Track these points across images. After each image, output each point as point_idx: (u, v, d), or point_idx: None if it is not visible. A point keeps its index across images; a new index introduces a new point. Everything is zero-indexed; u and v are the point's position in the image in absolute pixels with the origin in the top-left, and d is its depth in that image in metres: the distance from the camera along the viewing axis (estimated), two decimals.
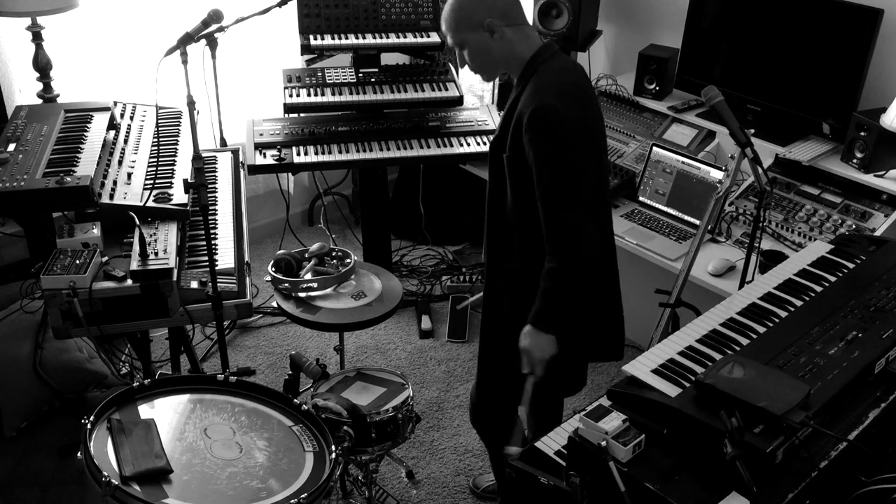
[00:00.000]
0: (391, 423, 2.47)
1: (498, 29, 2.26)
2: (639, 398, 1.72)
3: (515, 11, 2.31)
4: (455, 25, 2.30)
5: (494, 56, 2.30)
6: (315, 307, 2.73)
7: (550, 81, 2.24)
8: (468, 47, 2.32)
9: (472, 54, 2.33)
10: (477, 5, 2.27)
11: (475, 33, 2.27)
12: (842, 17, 3.15)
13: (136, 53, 3.68)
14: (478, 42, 2.29)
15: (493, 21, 2.25)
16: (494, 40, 2.27)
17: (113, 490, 1.84)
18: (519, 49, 2.29)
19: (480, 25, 2.26)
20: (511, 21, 2.28)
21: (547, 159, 2.17)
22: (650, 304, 2.94)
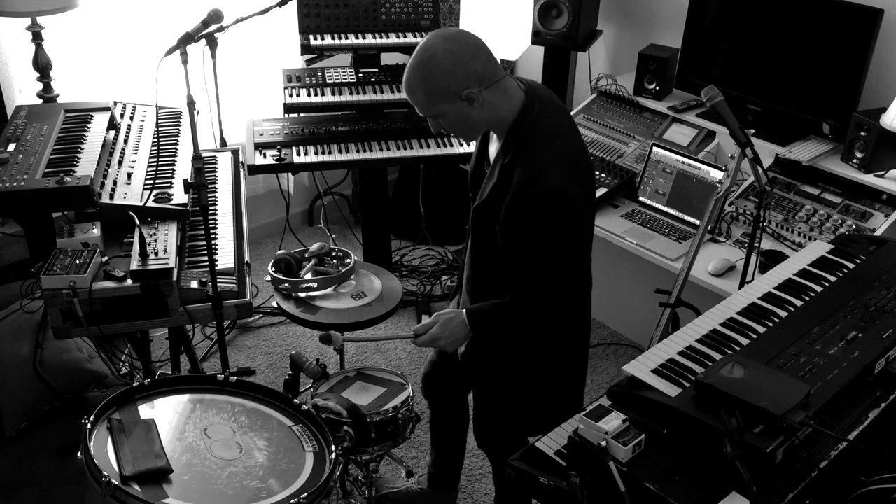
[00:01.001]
0: (391, 423, 2.47)
1: (478, 97, 2.03)
2: (639, 398, 1.72)
3: (492, 69, 2.05)
4: (426, 98, 2.05)
5: (475, 122, 2.10)
6: (315, 307, 2.73)
7: (549, 151, 2.06)
8: (444, 118, 2.09)
9: (450, 124, 2.11)
10: (452, 75, 2.00)
11: (452, 104, 2.04)
12: (842, 17, 3.16)
13: (136, 53, 3.68)
14: (455, 112, 2.06)
15: (472, 91, 2.02)
16: (474, 108, 2.05)
17: (113, 490, 1.84)
18: (502, 111, 2.08)
19: (457, 96, 2.02)
20: (489, 82, 2.04)
21: (553, 242, 2.08)
22: (650, 304, 2.94)
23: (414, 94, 2.07)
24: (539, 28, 3.98)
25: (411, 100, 2.10)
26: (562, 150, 2.08)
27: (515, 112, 2.09)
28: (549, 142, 2.07)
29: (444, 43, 2.03)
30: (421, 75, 2.03)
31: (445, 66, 2.00)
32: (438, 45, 2.03)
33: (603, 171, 3.60)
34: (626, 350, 3.85)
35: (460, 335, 2.24)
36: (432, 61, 2.01)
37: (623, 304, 3.87)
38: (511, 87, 2.10)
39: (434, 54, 2.02)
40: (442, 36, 2.06)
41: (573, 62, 4.20)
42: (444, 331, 2.23)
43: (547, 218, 2.04)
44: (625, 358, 3.67)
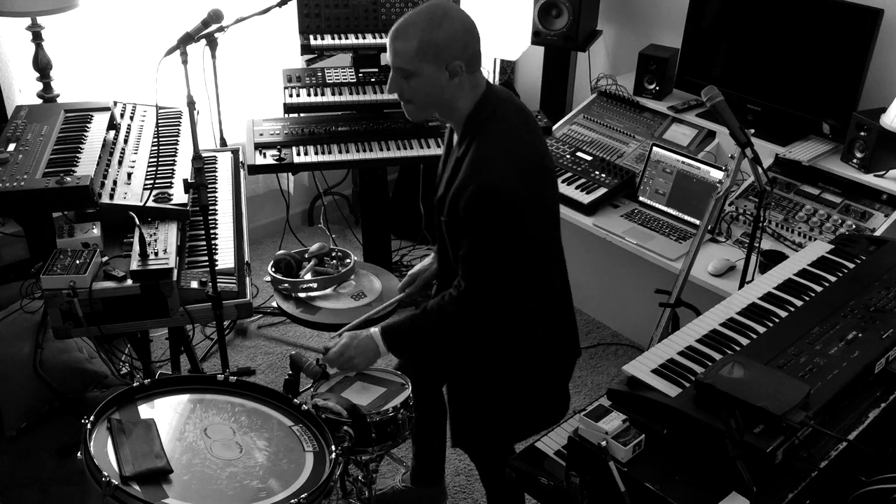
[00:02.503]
0: (391, 423, 2.46)
1: (460, 73, 2.04)
2: (639, 398, 1.72)
3: (478, 58, 2.09)
4: (417, 50, 2.00)
5: (441, 97, 2.07)
6: (315, 307, 2.73)
7: (498, 148, 2.05)
8: (417, 79, 2.04)
9: (417, 88, 2.06)
10: (454, 42, 2.01)
11: (436, 69, 2.02)
12: (842, 17, 3.16)
13: (136, 53, 3.68)
14: (432, 79, 2.03)
15: (460, 64, 2.02)
16: (450, 84, 2.04)
17: (113, 490, 1.83)
18: (465, 99, 2.08)
19: (445, 64, 2.01)
20: (472, 68, 2.07)
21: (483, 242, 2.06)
22: (650, 304, 2.94)
23: (406, 40, 2.00)
24: (539, 28, 3.98)
25: (396, 44, 2.02)
26: (512, 149, 2.07)
27: (472, 104, 2.09)
28: (500, 140, 2.06)
29: (460, 11, 2.05)
30: (428, 25, 1.99)
31: (455, 29, 2.00)
32: (456, 10, 2.03)
33: (603, 171, 3.60)
34: (626, 350, 3.85)
35: (368, 349, 2.22)
36: (446, 19, 2.00)
37: (623, 304, 3.87)
38: (480, 82, 2.11)
39: (450, 14, 2.01)
40: (456, 6, 2.08)
41: (573, 62, 4.20)
42: (351, 341, 2.23)
43: (481, 214, 2.02)
44: (625, 358, 3.67)
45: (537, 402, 2.39)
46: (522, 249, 2.12)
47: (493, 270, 2.09)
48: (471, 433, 2.51)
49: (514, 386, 2.36)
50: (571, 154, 3.73)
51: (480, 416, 2.44)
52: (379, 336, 2.22)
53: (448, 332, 2.21)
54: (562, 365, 2.42)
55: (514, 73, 4.82)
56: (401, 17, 2.09)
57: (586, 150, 3.74)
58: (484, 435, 2.48)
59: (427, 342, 2.26)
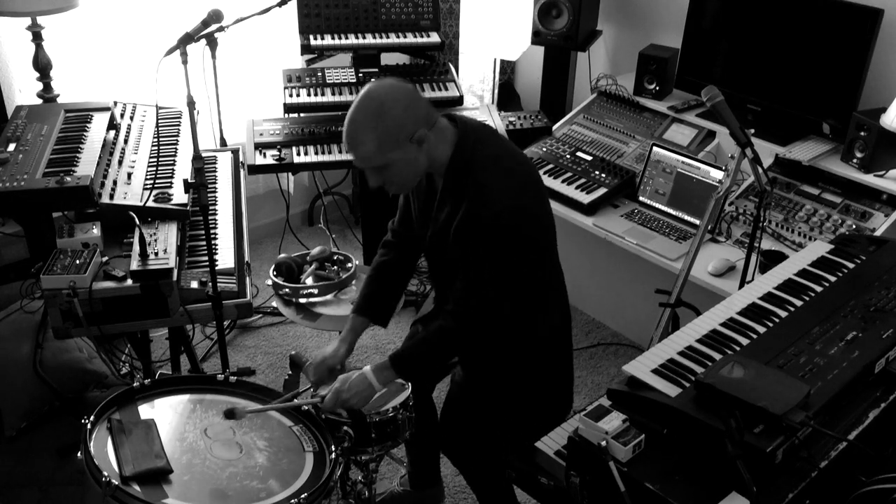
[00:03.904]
0: (391, 424, 2.46)
1: (426, 136, 2.01)
2: (639, 398, 1.72)
3: (431, 110, 2.06)
4: (378, 147, 1.99)
5: (419, 167, 2.08)
6: (315, 314, 2.73)
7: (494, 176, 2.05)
8: (392, 167, 2.03)
9: (397, 172, 2.06)
10: (404, 118, 1.98)
11: (403, 150, 2.01)
12: (842, 17, 3.16)
13: (136, 53, 3.68)
14: (405, 159, 2.02)
15: (423, 131, 2.00)
16: (422, 151, 2.03)
17: (113, 490, 1.83)
18: (441, 150, 2.07)
19: (409, 140, 1.99)
20: (432, 123, 2.04)
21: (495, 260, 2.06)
22: (650, 304, 2.94)
23: (363, 144, 2.00)
24: (539, 28, 3.98)
25: (357, 152, 2.03)
26: (507, 170, 2.09)
27: (451, 146, 2.08)
28: (493, 164, 2.08)
29: (388, 90, 2.03)
30: (373, 122, 1.98)
31: (398, 110, 1.99)
32: (384, 93, 2.02)
33: (603, 171, 3.60)
34: (626, 350, 3.85)
35: (363, 387, 2.22)
36: (384, 107, 1.99)
37: (623, 304, 3.87)
38: (444, 124, 2.10)
39: (384, 101, 2.00)
40: (383, 85, 2.06)
41: (573, 62, 4.20)
42: (342, 385, 2.23)
43: (499, 235, 2.04)
44: (625, 358, 3.67)
45: (530, 416, 2.40)
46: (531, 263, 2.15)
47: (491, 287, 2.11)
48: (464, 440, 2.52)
49: (518, 393, 2.37)
50: (571, 154, 3.73)
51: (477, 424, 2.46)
52: (371, 374, 2.22)
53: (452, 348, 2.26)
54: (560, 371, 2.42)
55: (514, 73, 4.82)
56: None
57: (586, 150, 3.74)
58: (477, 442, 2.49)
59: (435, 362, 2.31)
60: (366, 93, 2.03)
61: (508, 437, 2.42)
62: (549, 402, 2.42)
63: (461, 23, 4.29)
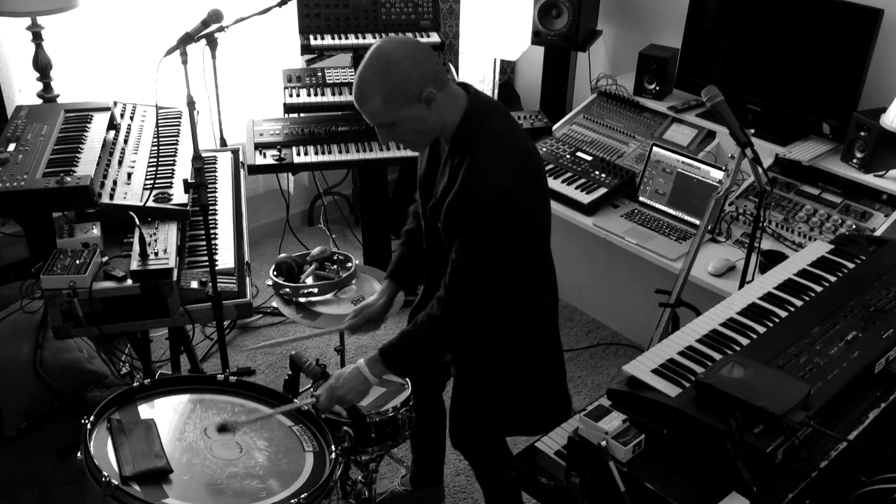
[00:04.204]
0: (391, 424, 2.46)
1: (435, 97, 2.01)
2: (639, 398, 1.72)
3: (442, 70, 2.05)
4: (385, 103, 1.99)
5: (429, 127, 2.06)
6: (315, 313, 2.72)
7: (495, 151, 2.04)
8: (400, 125, 2.04)
9: (405, 130, 2.06)
10: (412, 75, 1.97)
11: (410, 108, 2.00)
12: (842, 17, 3.16)
13: (136, 53, 3.68)
14: (413, 116, 2.02)
15: (431, 90, 2.00)
16: (430, 110, 2.02)
17: (113, 490, 1.83)
18: (450, 114, 2.06)
19: (417, 98, 1.99)
20: (442, 84, 2.03)
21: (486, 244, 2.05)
22: (650, 304, 2.94)
23: (370, 100, 2.00)
24: (539, 28, 3.99)
25: (365, 107, 2.03)
26: (509, 151, 2.07)
27: (461, 113, 2.07)
28: (496, 143, 2.06)
29: (397, 45, 2.03)
30: (380, 78, 1.98)
31: (406, 66, 1.98)
32: (393, 48, 2.02)
33: (603, 171, 3.60)
34: (626, 350, 3.85)
35: (357, 381, 2.22)
36: (391, 62, 1.98)
37: (623, 304, 3.87)
38: (456, 90, 2.10)
39: (392, 56, 1.99)
40: (392, 41, 2.07)
41: (573, 62, 4.20)
42: (336, 381, 2.23)
43: (484, 221, 2.02)
44: (625, 358, 3.67)
45: (535, 401, 2.40)
46: (525, 246, 2.14)
47: (483, 273, 2.10)
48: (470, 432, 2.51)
49: (512, 382, 2.36)
50: (571, 154, 3.73)
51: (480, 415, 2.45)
52: (365, 367, 2.22)
53: (441, 338, 2.22)
54: (554, 363, 2.42)
55: (514, 73, 4.82)
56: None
57: (586, 150, 3.74)
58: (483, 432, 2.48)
59: (425, 353, 2.27)
60: (375, 48, 2.02)
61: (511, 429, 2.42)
62: (544, 394, 2.42)
63: (461, 23, 4.29)
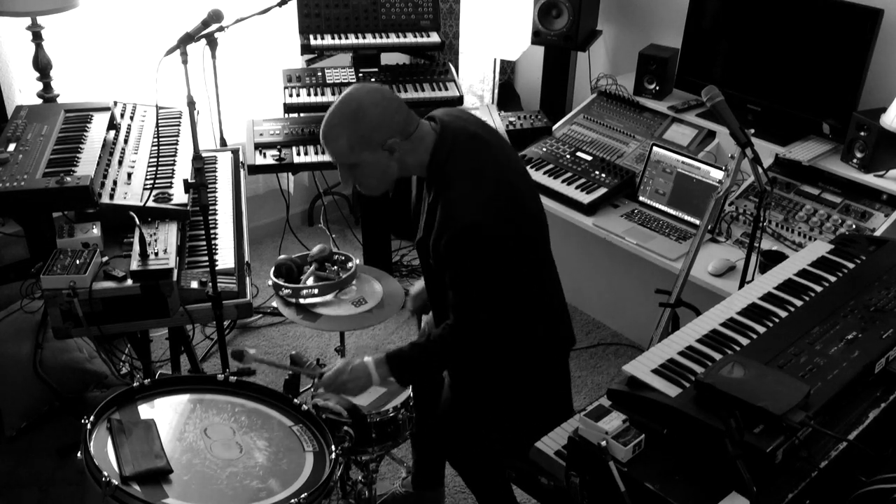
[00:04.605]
0: (391, 424, 2.47)
1: (398, 148, 2.07)
2: (639, 398, 1.72)
3: (410, 121, 2.10)
4: (349, 147, 2.06)
5: (388, 174, 2.13)
6: (315, 314, 2.72)
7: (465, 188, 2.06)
8: (362, 168, 2.10)
9: (365, 174, 2.12)
10: (379, 125, 2.04)
11: (373, 154, 2.07)
12: (842, 17, 3.16)
13: (136, 53, 3.68)
14: (374, 162, 2.09)
15: (395, 140, 2.06)
16: (392, 158, 2.09)
17: (113, 490, 1.84)
18: (418, 157, 2.11)
19: (380, 146, 2.06)
20: (408, 133, 2.09)
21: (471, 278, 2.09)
22: (650, 304, 2.94)
23: (336, 141, 2.07)
24: (539, 28, 3.98)
25: (330, 148, 2.10)
26: (478, 184, 2.09)
27: (429, 152, 2.12)
28: (463, 178, 2.09)
29: (368, 94, 2.08)
30: (348, 123, 2.05)
31: (373, 115, 2.05)
32: (364, 96, 2.07)
33: (603, 171, 3.60)
34: (626, 350, 3.85)
35: (362, 376, 2.24)
36: (361, 110, 2.05)
37: (623, 304, 3.87)
38: (425, 132, 2.13)
39: (362, 104, 2.06)
40: (365, 88, 2.12)
41: (573, 62, 4.20)
42: (345, 367, 2.25)
43: (463, 255, 2.06)
44: (625, 358, 3.67)
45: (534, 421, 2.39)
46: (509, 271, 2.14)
47: (480, 302, 2.12)
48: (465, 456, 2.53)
49: (512, 402, 2.38)
50: (571, 154, 3.73)
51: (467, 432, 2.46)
52: (373, 365, 2.24)
53: (450, 359, 2.27)
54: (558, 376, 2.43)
55: (514, 73, 4.82)
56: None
57: (586, 150, 3.74)
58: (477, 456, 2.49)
59: (430, 369, 2.33)
60: (347, 94, 2.10)
61: (504, 440, 2.42)
62: (544, 407, 2.42)
63: (461, 23, 4.28)
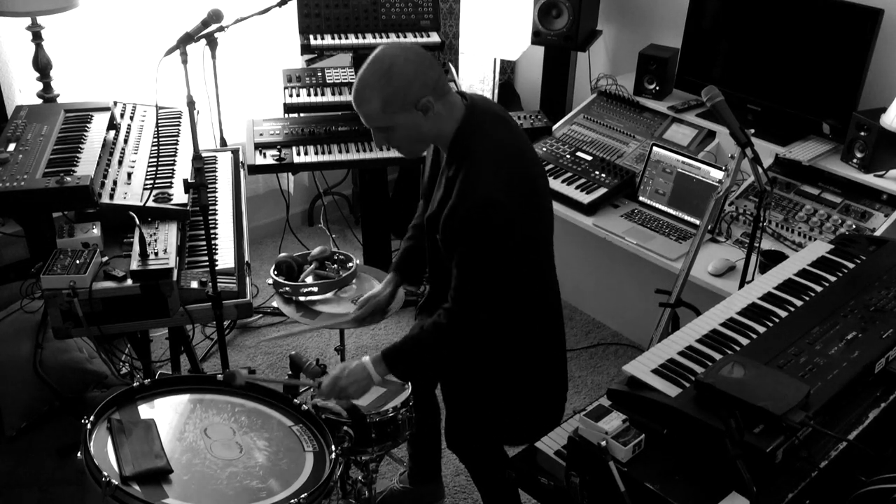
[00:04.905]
0: (391, 424, 2.46)
1: (433, 106, 2.03)
2: (639, 398, 1.72)
3: (444, 80, 2.07)
4: (383, 107, 2.02)
5: (424, 135, 2.10)
6: (315, 312, 2.72)
7: (488, 162, 2.05)
8: (396, 130, 2.07)
9: (400, 136, 2.10)
10: (412, 83, 2.01)
11: (408, 114, 2.03)
12: (842, 17, 3.16)
13: (136, 53, 3.68)
14: (409, 123, 2.05)
15: (429, 99, 2.02)
16: (427, 118, 2.04)
17: (113, 490, 1.83)
18: (448, 124, 2.09)
19: (414, 105, 2.02)
20: (441, 93, 2.06)
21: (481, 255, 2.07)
22: (650, 304, 2.94)
23: (368, 102, 2.04)
24: (539, 28, 3.99)
25: (362, 110, 2.06)
26: (502, 163, 2.08)
27: (457, 122, 2.10)
28: (488, 154, 2.07)
29: (402, 52, 2.06)
30: (381, 83, 2.01)
31: (407, 73, 2.01)
32: (397, 54, 2.05)
33: (603, 171, 3.60)
34: (626, 350, 3.85)
35: (361, 377, 2.23)
36: (394, 68, 2.01)
37: (623, 304, 3.87)
38: (456, 100, 2.12)
39: (395, 62, 2.02)
40: (397, 46, 2.09)
41: (573, 62, 4.20)
42: (341, 372, 2.24)
43: (477, 230, 2.04)
44: (625, 358, 3.67)
45: (531, 406, 2.39)
46: (517, 259, 2.14)
47: (486, 282, 2.11)
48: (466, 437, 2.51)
49: (509, 389, 2.36)
50: (571, 154, 3.73)
51: (476, 420, 2.45)
52: (370, 364, 2.23)
53: (446, 346, 2.23)
54: (554, 369, 2.42)
55: (514, 73, 4.82)
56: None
57: (586, 150, 3.74)
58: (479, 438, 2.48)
59: (428, 360, 2.28)
60: (379, 52, 2.06)
61: (508, 433, 2.42)
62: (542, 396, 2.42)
63: (461, 23, 4.29)
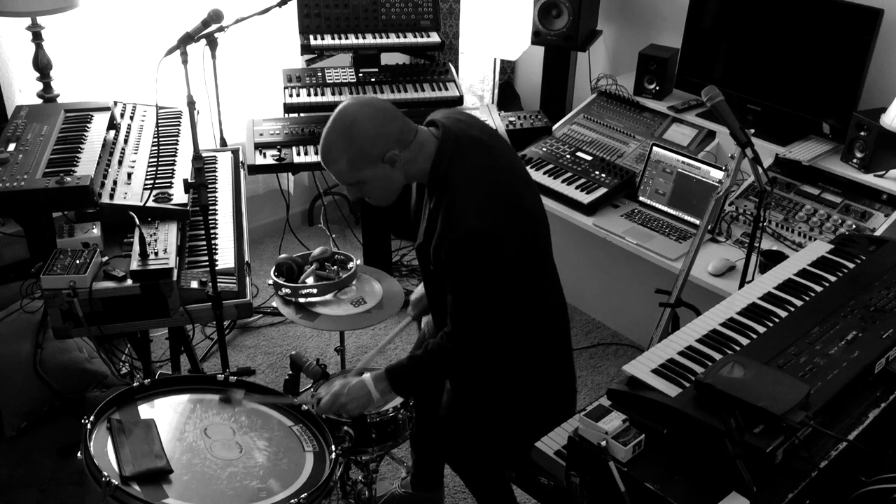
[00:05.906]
0: (391, 424, 2.46)
1: (399, 158, 2.04)
2: (639, 398, 1.72)
3: (407, 129, 2.07)
4: (350, 165, 2.04)
5: (396, 183, 2.11)
6: (314, 313, 2.72)
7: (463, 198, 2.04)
8: (367, 184, 2.08)
9: (373, 188, 2.10)
10: (375, 137, 2.02)
11: (375, 168, 2.04)
12: (842, 17, 3.16)
13: (136, 53, 3.68)
14: (379, 175, 2.06)
15: (394, 152, 2.03)
16: (395, 169, 2.06)
17: (113, 490, 1.84)
18: (420, 165, 2.09)
19: (381, 159, 2.03)
20: (406, 143, 2.06)
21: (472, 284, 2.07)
22: (650, 304, 2.94)
23: (336, 162, 2.05)
24: (539, 28, 3.99)
25: (331, 169, 2.08)
26: (481, 190, 2.06)
27: (431, 158, 2.09)
28: (467, 182, 2.06)
29: (361, 108, 2.06)
30: (344, 142, 2.03)
31: (368, 130, 2.02)
32: (357, 111, 2.05)
33: (603, 171, 3.60)
34: (626, 350, 3.85)
35: (361, 394, 2.22)
36: (355, 126, 2.03)
37: (623, 304, 3.87)
38: (425, 138, 2.11)
39: (356, 118, 2.03)
40: (357, 102, 2.09)
41: (573, 62, 4.20)
42: (342, 389, 2.24)
43: (464, 261, 2.04)
44: (625, 358, 3.67)
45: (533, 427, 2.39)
46: (510, 277, 2.13)
47: (481, 303, 2.11)
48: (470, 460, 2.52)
49: (517, 403, 2.37)
50: (571, 154, 3.73)
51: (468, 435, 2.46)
52: (371, 382, 2.22)
53: (449, 368, 2.25)
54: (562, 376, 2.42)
55: (514, 73, 4.82)
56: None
57: (586, 150, 3.74)
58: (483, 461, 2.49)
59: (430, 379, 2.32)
60: (339, 111, 2.07)
61: (505, 444, 2.42)
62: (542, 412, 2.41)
63: (461, 23, 4.29)
